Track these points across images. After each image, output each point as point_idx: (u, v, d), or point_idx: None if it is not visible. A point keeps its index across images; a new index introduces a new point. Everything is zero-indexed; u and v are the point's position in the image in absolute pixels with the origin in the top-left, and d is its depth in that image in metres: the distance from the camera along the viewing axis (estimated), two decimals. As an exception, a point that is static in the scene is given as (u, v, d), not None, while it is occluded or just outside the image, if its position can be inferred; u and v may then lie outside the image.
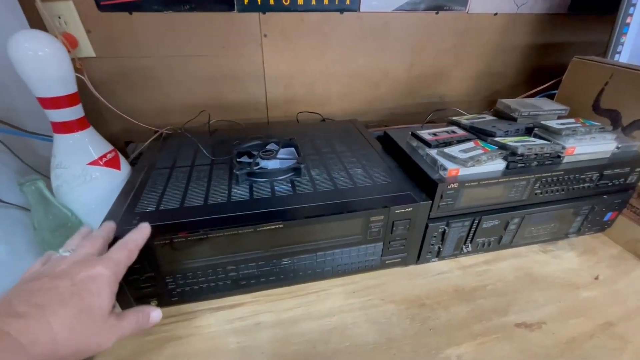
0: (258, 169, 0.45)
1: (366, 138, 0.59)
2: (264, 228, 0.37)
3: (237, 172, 0.43)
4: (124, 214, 0.39)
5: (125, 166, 0.49)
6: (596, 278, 0.48)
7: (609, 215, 0.52)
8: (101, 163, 0.45)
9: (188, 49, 0.65)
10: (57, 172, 0.43)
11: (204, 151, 0.51)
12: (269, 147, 0.51)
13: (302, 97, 0.76)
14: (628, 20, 0.62)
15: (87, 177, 0.43)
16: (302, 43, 0.69)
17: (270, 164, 0.47)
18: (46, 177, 0.45)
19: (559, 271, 0.49)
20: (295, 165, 0.46)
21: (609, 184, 0.49)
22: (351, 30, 0.69)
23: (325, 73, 0.74)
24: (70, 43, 0.56)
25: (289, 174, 0.46)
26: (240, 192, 0.42)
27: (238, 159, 0.47)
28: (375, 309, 0.43)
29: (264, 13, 0.64)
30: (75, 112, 0.42)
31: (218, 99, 0.72)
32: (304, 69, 0.72)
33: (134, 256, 0.31)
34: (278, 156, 0.48)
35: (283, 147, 0.51)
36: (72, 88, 0.41)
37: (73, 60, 0.51)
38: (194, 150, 0.54)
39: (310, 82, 0.74)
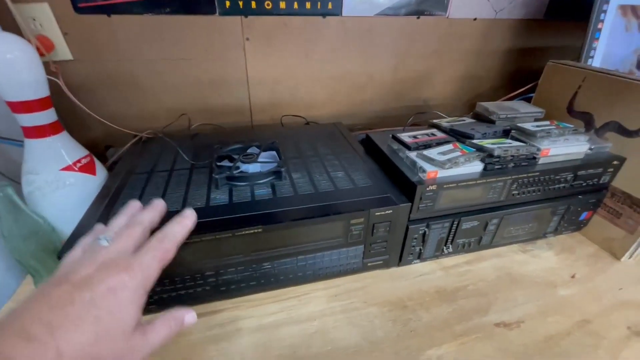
0: (238, 172, 0.45)
1: (349, 141, 0.59)
2: (243, 233, 0.37)
3: (216, 176, 0.43)
4: (99, 221, 0.38)
5: (101, 171, 0.48)
6: (573, 276, 0.49)
7: (584, 215, 0.54)
8: (75, 168, 0.44)
9: (170, 53, 0.64)
10: (29, 178, 0.41)
11: (184, 155, 0.50)
12: (250, 150, 0.50)
13: (287, 101, 0.76)
14: (599, 26, 0.64)
15: (60, 183, 0.42)
16: (285, 47, 0.69)
17: (251, 168, 0.47)
18: (17, 182, 0.44)
19: (537, 270, 0.50)
20: (275, 168, 0.45)
21: (584, 184, 0.50)
22: (335, 34, 0.70)
23: (309, 77, 0.74)
24: (45, 46, 0.55)
25: (270, 178, 0.45)
26: (219, 197, 0.42)
27: (218, 163, 0.47)
28: (357, 312, 0.43)
29: (246, 17, 0.64)
30: (47, 117, 0.40)
31: (201, 102, 0.71)
32: (288, 73, 0.72)
33: (171, 256, 0.28)
34: (259, 160, 0.48)
35: (264, 151, 0.51)
36: (44, 92, 0.40)
37: (47, 63, 0.49)
38: (174, 155, 0.53)
39: (295, 85, 0.74)
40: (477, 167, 0.44)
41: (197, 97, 0.70)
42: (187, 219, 0.30)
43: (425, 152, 0.45)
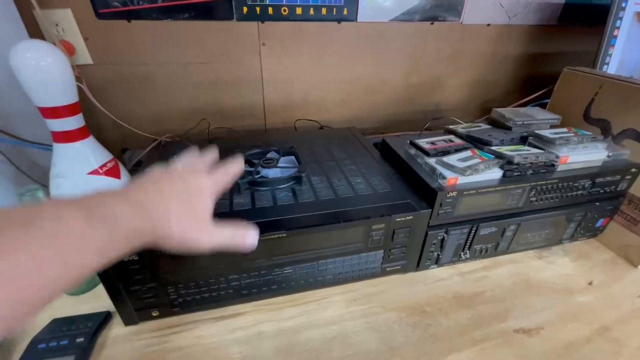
0: (259, 177, 0.45)
1: (364, 146, 0.60)
2: (267, 237, 0.37)
3: (239, 181, 0.43)
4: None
5: (125, 175, 0.49)
6: (590, 283, 0.49)
7: (600, 222, 0.54)
8: (101, 172, 0.44)
9: (187, 57, 0.65)
10: (57, 181, 0.42)
11: (204, 160, 0.51)
12: (269, 155, 0.51)
13: (299, 104, 0.77)
14: (615, 33, 0.64)
15: (87, 186, 0.43)
16: (300, 52, 0.70)
17: (271, 173, 0.47)
18: (44, 186, 0.45)
19: (554, 276, 0.50)
20: (296, 173, 0.46)
21: (601, 191, 0.50)
22: (349, 39, 0.71)
23: (323, 80, 0.75)
24: (68, 50, 0.56)
25: (290, 183, 0.46)
26: (242, 201, 0.42)
27: (239, 168, 0.47)
28: (376, 316, 0.43)
29: (263, 22, 0.64)
30: (76, 122, 0.41)
31: (216, 106, 0.72)
32: (302, 77, 0.73)
33: (228, 182, 0.34)
34: (279, 165, 0.48)
35: (283, 156, 0.51)
36: (74, 97, 0.40)
37: (72, 67, 0.50)
38: (194, 159, 0.54)
39: (308, 89, 0.75)
40: (496, 174, 0.45)
41: (213, 100, 0.71)
42: (240, 164, 0.37)
43: (445, 159, 0.45)
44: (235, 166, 0.36)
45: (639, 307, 0.46)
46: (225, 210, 0.41)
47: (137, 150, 0.64)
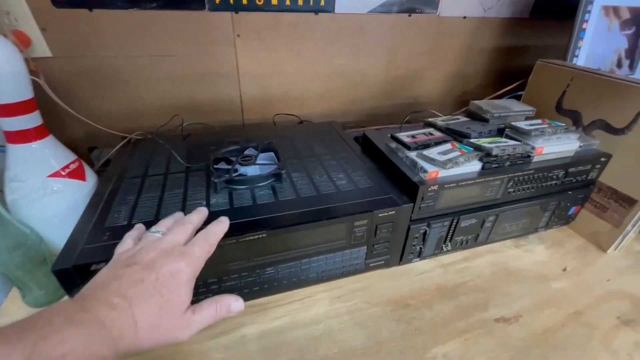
0: (237, 175, 0.44)
1: (345, 140, 0.59)
2: (247, 238, 0.36)
3: (215, 180, 0.41)
4: (92, 230, 0.36)
5: (91, 176, 0.46)
6: (564, 269, 0.51)
7: (573, 210, 0.56)
8: (64, 174, 0.41)
9: (157, 49, 0.61)
10: (13, 185, 0.39)
11: (178, 158, 0.49)
12: (247, 152, 0.49)
13: (278, 98, 0.75)
14: (584, 26, 0.66)
15: (47, 190, 0.40)
16: (277, 44, 0.68)
17: (250, 170, 0.45)
18: (-1, 191, 0.41)
19: (531, 264, 0.52)
20: (275, 170, 0.45)
21: (573, 180, 0.52)
22: (327, 31, 0.69)
23: (302, 74, 0.73)
24: (22, 42, 0.51)
25: (270, 180, 0.44)
26: (219, 201, 0.41)
27: (215, 166, 0.45)
28: (361, 312, 0.43)
29: (237, 12, 0.62)
30: (31, 120, 0.38)
31: (191, 100, 0.69)
32: (280, 70, 0.71)
33: (212, 250, 0.31)
34: (257, 162, 0.46)
35: (262, 152, 0.50)
36: (28, 94, 0.37)
37: (26, 60, 0.46)
38: (167, 157, 0.51)
39: (287, 83, 0.73)
40: (475, 166, 0.45)
41: (186, 95, 0.68)
42: (225, 223, 0.34)
43: (426, 152, 0.45)
44: (219, 227, 0.33)
45: (608, 291, 0.48)
46: (202, 211, 0.39)
47: (106, 148, 0.60)
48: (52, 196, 0.40)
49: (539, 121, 0.52)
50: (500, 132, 0.53)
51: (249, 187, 0.43)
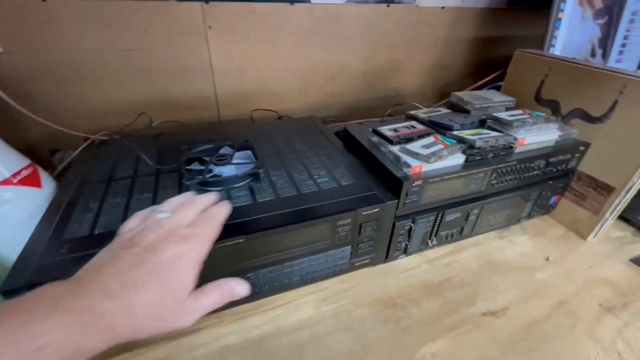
0: (211, 177, 0.41)
1: (326, 136, 0.57)
2: (223, 244, 0.34)
3: (187, 183, 0.39)
4: (49, 243, 0.33)
5: (48, 182, 0.42)
6: (547, 259, 0.51)
7: (553, 199, 0.56)
8: (14, 182, 0.37)
9: (123, 42, 0.57)
10: (-45, 197, 0.34)
11: (146, 159, 0.45)
12: (222, 151, 0.46)
13: (256, 93, 0.72)
14: (560, 15, 0.67)
15: (-4, 200, 0.36)
16: (252, 36, 0.65)
17: (225, 171, 0.43)
18: (-60, 203, 0.37)
19: (515, 255, 0.52)
20: (253, 170, 0.42)
21: (554, 170, 0.52)
22: (304, 22, 0.66)
23: (279, 67, 0.70)
24: (-37, 35, 0.46)
25: (247, 181, 0.42)
26: (192, 205, 0.38)
27: (187, 167, 0.42)
28: (348, 314, 0.41)
29: (207, 2, 0.58)
30: (-28, 122, 0.34)
31: (162, 97, 0.65)
32: (257, 63, 0.68)
33: (218, 232, 0.30)
34: (233, 161, 0.44)
35: (238, 150, 0.47)
36: (-35, 92, 0.33)
37: (-33, 56, 0.42)
38: (136, 158, 0.47)
39: (264, 76, 0.70)
40: (459, 159, 0.44)
41: (157, 91, 0.64)
42: (227, 205, 0.32)
43: (408, 146, 0.44)
44: (221, 209, 0.31)
45: (590, 278, 0.48)
46: (174, 216, 0.36)
47: (70, 151, 0.56)
48: (2, 207, 0.36)
49: (520, 111, 0.52)
50: (482, 124, 0.52)
51: (225, 189, 0.41)
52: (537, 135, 0.48)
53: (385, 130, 0.49)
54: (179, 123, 0.66)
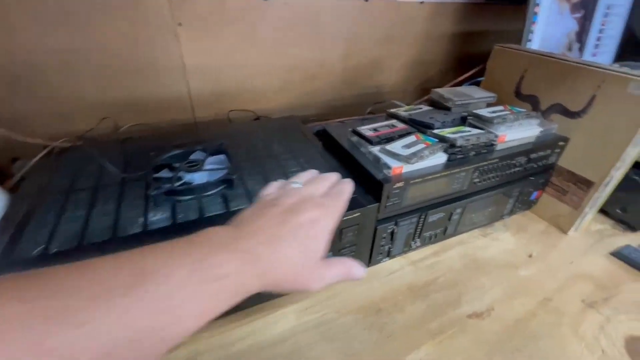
0: (181, 185, 0.38)
1: (305, 136, 0.55)
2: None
3: (152, 193, 0.36)
4: (8, 262, 0.29)
5: (0, 197, 0.38)
6: (530, 256, 0.51)
7: (535, 195, 0.56)
8: (-42, 197, 0.34)
9: (85, 41, 0.53)
10: None
11: (110, 167, 0.42)
12: (193, 156, 0.44)
13: (233, 93, 0.69)
14: (536, 10, 0.67)
15: None
16: (227, 33, 0.62)
17: (197, 177, 0.40)
18: None
19: (498, 253, 0.51)
20: (226, 176, 0.40)
21: (534, 166, 0.52)
22: (281, 18, 0.64)
23: (257, 65, 0.68)
24: None
25: (220, 188, 0.39)
26: (159, 217, 0.35)
27: (155, 175, 0.40)
28: (331, 324, 0.40)
29: (174, -3, 0.55)
30: None
31: (131, 99, 0.61)
32: (232, 62, 0.65)
33: (344, 209, 0.30)
34: (205, 167, 0.41)
35: (211, 155, 0.44)
36: None
37: None
38: (100, 166, 0.44)
39: (241, 75, 0.67)
40: (441, 158, 0.43)
41: (126, 93, 0.60)
42: (351, 183, 0.33)
43: (389, 147, 0.42)
44: (347, 186, 0.32)
45: (572, 273, 0.48)
46: (139, 230, 0.33)
47: (30, 159, 0.52)
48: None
49: (501, 108, 0.51)
50: (463, 121, 0.51)
51: (196, 197, 0.38)
52: (518, 132, 0.48)
53: (365, 130, 0.47)
54: (152, 126, 0.63)
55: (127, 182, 0.41)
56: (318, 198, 0.29)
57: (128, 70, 0.58)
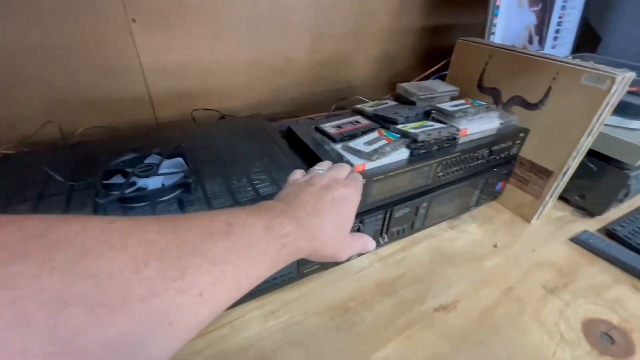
0: (133, 191, 0.36)
1: (270, 136, 0.53)
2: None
3: (101, 201, 0.34)
4: None
5: None
6: (495, 246, 0.52)
7: (499, 185, 0.57)
8: None
9: (34, 38, 0.49)
10: None
11: (54, 174, 0.39)
12: (149, 160, 0.41)
13: (197, 92, 0.66)
14: (498, 3, 0.68)
15: None
16: (188, 29, 0.59)
17: (151, 183, 0.38)
18: None
19: (465, 245, 0.52)
20: (182, 180, 0.38)
21: (497, 157, 0.53)
22: (244, 12, 0.62)
23: (221, 62, 0.65)
24: None
25: (176, 193, 0.38)
26: (108, 227, 0.33)
27: (105, 181, 0.37)
28: (298, 326, 0.39)
29: (126, -8, 0.52)
30: None
31: (86, 100, 0.58)
32: (195, 59, 0.63)
33: (361, 192, 0.34)
34: (160, 171, 0.39)
35: (168, 158, 0.42)
36: None
37: None
38: (47, 175, 0.41)
39: (205, 73, 0.65)
40: (403, 154, 0.43)
41: (80, 94, 0.57)
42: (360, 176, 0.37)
43: (351, 144, 0.41)
44: (359, 175, 0.36)
45: (534, 261, 0.50)
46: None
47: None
48: None
49: (463, 101, 0.51)
50: (427, 115, 0.51)
51: (149, 204, 0.36)
52: (479, 125, 0.48)
53: (328, 127, 0.46)
54: (110, 128, 0.60)
55: (75, 191, 0.38)
56: (343, 180, 0.33)
57: (81, 70, 0.54)
